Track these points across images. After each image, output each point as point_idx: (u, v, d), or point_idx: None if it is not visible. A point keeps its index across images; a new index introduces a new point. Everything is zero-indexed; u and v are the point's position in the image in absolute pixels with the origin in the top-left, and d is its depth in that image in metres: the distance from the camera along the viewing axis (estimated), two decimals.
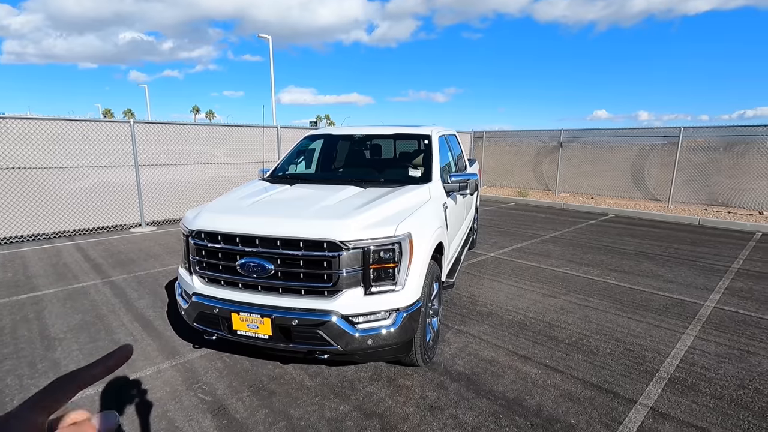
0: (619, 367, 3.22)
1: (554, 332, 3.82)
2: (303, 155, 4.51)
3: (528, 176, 14.35)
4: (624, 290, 4.94)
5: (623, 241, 7.50)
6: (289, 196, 3.25)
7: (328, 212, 2.74)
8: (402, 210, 2.93)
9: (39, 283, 5.13)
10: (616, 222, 9.43)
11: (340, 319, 2.53)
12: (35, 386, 2.95)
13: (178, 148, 9.28)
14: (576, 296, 4.72)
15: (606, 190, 12.51)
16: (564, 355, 3.41)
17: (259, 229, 2.61)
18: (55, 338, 3.69)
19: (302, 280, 2.60)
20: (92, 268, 5.72)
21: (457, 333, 3.79)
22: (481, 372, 3.15)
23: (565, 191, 13.22)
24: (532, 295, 4.75)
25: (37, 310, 4.30)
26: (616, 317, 4.16)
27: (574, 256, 6.38)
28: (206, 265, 2.81)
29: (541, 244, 7.14)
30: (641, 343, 3.61)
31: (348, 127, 4.74)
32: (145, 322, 4.00)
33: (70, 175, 7.73)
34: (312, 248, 2.54)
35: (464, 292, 4.80)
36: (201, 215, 2.87)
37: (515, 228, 8.55)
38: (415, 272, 2.74)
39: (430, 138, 4.10)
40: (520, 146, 14.65)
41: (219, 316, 2.71)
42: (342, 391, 2.90)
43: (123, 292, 4.80)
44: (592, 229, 8.52)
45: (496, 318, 4.12)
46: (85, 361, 3.29)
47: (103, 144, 8.07)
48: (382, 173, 4.03)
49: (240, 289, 2.73)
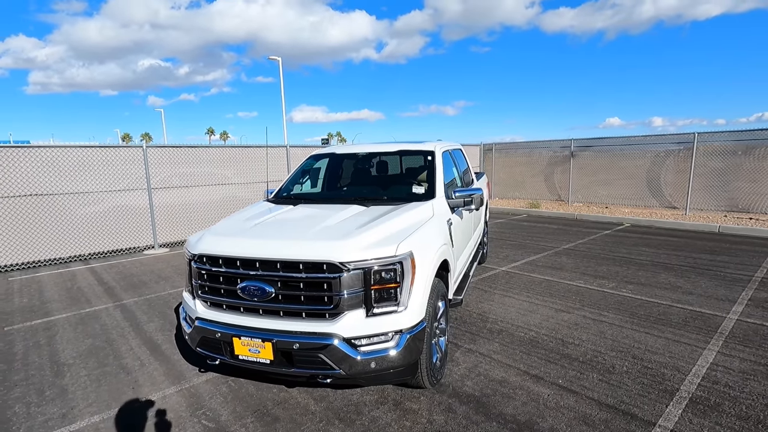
0: (637, 387, 3.08)
1: (567, 350, 3.69)
2: (307, 175, 4.53)
3: (540, 187, 14.18)
4: (641, 303, 4.77)
5: (639, 251, 7.29)
6: (291, 217, 3.25)
7: (329, 233, 2.72)
8: (403, 228, 2.89)
9: (53, 308, 5.20)
10: (632, 232, 9.20)
11: (342, 343, 2.49)
12: (41, 414, 2.95)
13: (189, 170, 9.45)
14: (590, 311, 4.57)
15: (621, 199, 12.27)
16: (578, 374, 3.28)
17: (259, 252, 2.60)
18: (64, 364, 3.71)
19: (303, 302, 2.56)
20: (105, 292, 5.79)
21: (467, 352, 3.69)
22: (491, 393, 3.04)
23: (579, 201, 13.01)
24: (544, 310, 4.62)
25: (49, 335, 4.35)
26: (633, 332, 4.01)
27: (588, 269, 6.22)
28: (208, 289, 2.80)
29: (554, 257, 6.99)
30: (660, 360, 3.46)
31: (352, 145, 4.75)
32: (153, 346, 4.00)
33: (85, 200, 7.92)
34: (312, 270, 2.51)
35: (474, 309, 4.70)
36: (203, 239, 2.87)
37: (527, 240, 8.40)
38: (418, 292, 2.69)
39: (434, 154, 4.07)
40: (530, 157, 14.53)
41: (221, 340, 2.69)
42: (347, 416, 2.83)
43: (133, 316, 4.84)
44: (606, 240, 8.32)
45: (507, 335, 4.01)
46: (93, 386, 3.30)
47: (118, 169, 8.26)
48: (386, 191, 4.01)
49: (242, 313, 2.71)
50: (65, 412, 2.98)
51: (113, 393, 3.21)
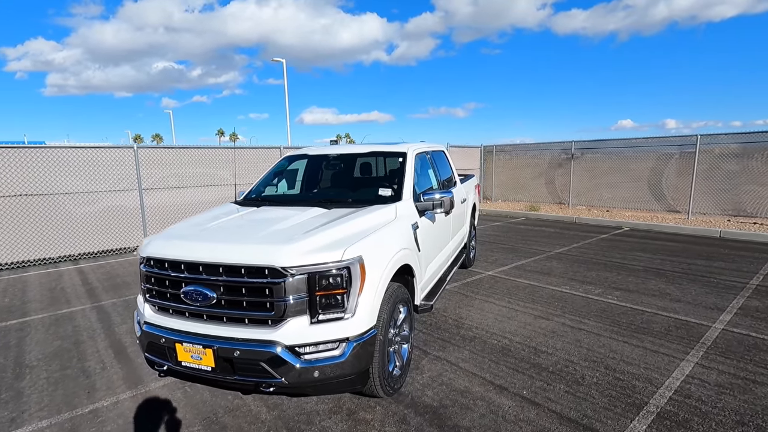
0: (604, 399, 2.94)
1: (539, 359, 3.56)
2: (279, 176, 4.46)
3: (540, 190, 13.97)
4: (625, 311, 4.61)
5: (634, 256, 7.10)
6: (246, 221, 3.17)
7: (275, 237, 2.64)
8: (357, 232, 2.79)
9: (31, 308, 5.20)
10: (630, 236, 8.98)
11: (284, 351, 2.40)
12: None
13: (184, 170, 9.46)
14: (570, 318, 4.43)
15: (623, 202, 12.02)
16: (544, 384, 3.15)
17: (203, 256, 2.52)
18: (27, 365, 3.68)
19: (245, 308, 2.48)
20: (86, 293, 5.78)
21: (434, 360, 3.58)
22: (450, 404, 2.93)
23: (580, 204, 12.78)
24: (523, 317, 4.49)
25: (20, 336, 4.33)
26: (611, 341, 3.86)
27: (577, 274, 6.05)
28: (155, 293, 2.74)
29: (544, 261, 6.83)
30: (633, 372, 3.31)
31: (326, 146, 4.67)
32: (119, 349, 3.96)
33: (77, 200, 7.96)
34: (254, 275, 2.43)
35: (451, 315, 4.58)
36: (152, 242, 2.81)
37: (520, 244, 8.24)
38: (367, 298, 2.59)
39: (405, 155, 3.97)
40: (531, 159, 14.32)
41: (165, 346, 2.62)
42: (296, 426, 2.74)
43: (108, 317, 4.81)
44: (602, 244, 8.12)
45: (479, 343, 3.89)
46: (49, 390, 3.26)
47: (110, 169, 8.30)
48: (353, 193, 3.92)
49: (186, 318, 2.64)
50: (15, 416, 2.93)
51: (67, 397, 3.16)
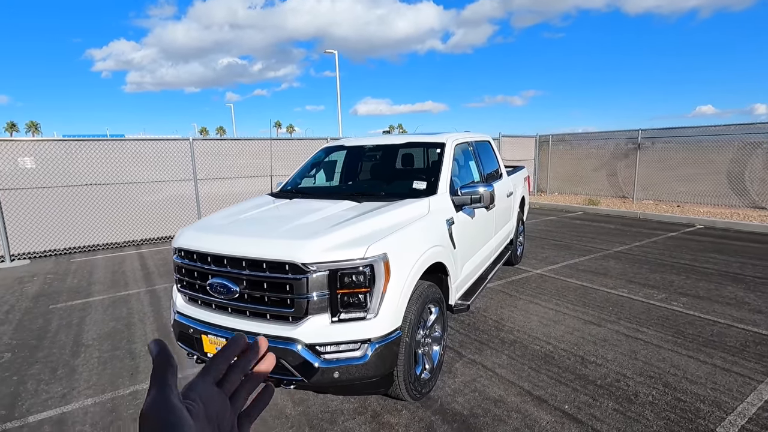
0: (659, 422, 2.60)
1: (585, 369, 3.24)
2: (317, 168, 4.41)
3: (601, 182, 12.99)
4: (692, 320, 4.10)
5: (707, 258, 6.35)
6: (275, 214, 3.14)
7: (298, 231, 2.56)
8: (384, 228, 2.65)
9: (95, 289, 5.62)
10: (703, 234, 8.07)
11: (304, 349, 2.33)
12: (46, 392, 3.14)
13: (237, 162, 9.82)
14: (626, 325, 4.01)
15: (698, 196, 10.84)
16: (590, 400, 2.85)
17: (227, 249, 2.51)
18: (83, 345, 3.95)
19: (267, 303, 2.44)
20: (143, 277, 6.16)
21: (468, 363, 3.38)
22: (481, 414, 2.73)
23: (647, 198, 11.72)
24: (571, 321, 4.14)
25: (82, 316, 4.68)
26: (673, 355, 3.43)
27: (637, 276, 5.51)
28: (186, 283, 2.78)
29: (601, 260, 6.30)
30: (698, 392, 2.91)
31: (364, 137, 4.55)
32: (165, 333, 4.14)
33: (141, 189, 8.54)
34: (275, 270, 2.37)
35: (491, 315, 4.33)
36: (183, 233, 2.85)
37: (574, 241, 7.69)
38: (392, 298, 2.45)
39: (443, 146, 3.75)
40: (591, 149, 13.34)
41: (193, 336, 2.65)
42: (319, 424, 2.68)
43: (158, 302, 5.07)
44: (669, 243, 7.36)
45: (520, 347, 3.62)
46: (98, 369, 3.46)
47: (171, 160, 8.79)
48: (387, 186, 3.77)
49: (213, 310, 2.65)
50: (66, 392, 3.14)
51: (113, 378, 3.34)
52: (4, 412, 2.91)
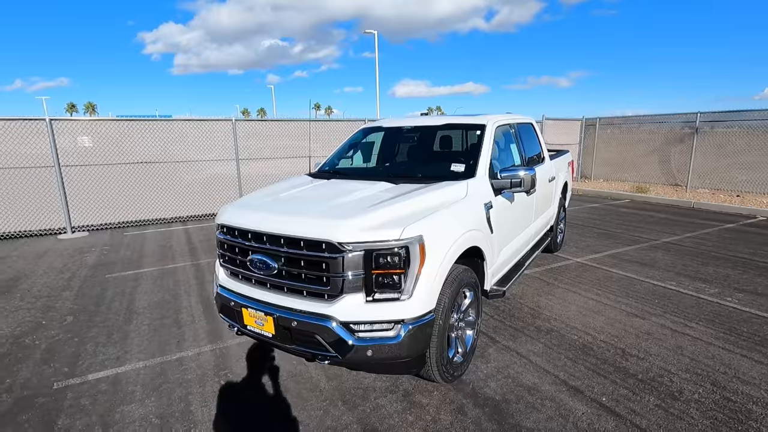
0: (705, 422, 2.48)
1: (627, 362, 3.12)
2: (355, 149, 4.41)
3: (651, 169, 12.24)
4: (747, 317, 3.84)
5: (767, 252, 5.90)
6: (313, 193, 3.18)
7: (335, 211, 2.59)
8: (421, 210, 2.63)
9: (145, 261, 5.97)
10: (766, 227, 7.48)
11: (339, 326, 2.38)
12: (103, 354, 3.40)
13: (277, 143, 10.02)
14: (673, 319, 3.82)
15: (761, 186, 10.00)
16: (630, 394, 2.75)
17: (266, 227, 2.58)
18: (135, 312, 4.23)
19: (303, 281, 2.50)
20: (189, 251, 6.48)
21: (502, 349, 3.34)
22: (514, 400, 2.70)
23: (703, 187, 10.95)
24: (612, 312, 3.98)
25: (134, 285, 5.00)
26: (723, 353, 3.24)
27: (688, 268, 5.20)
28: (228, 258, 2.89)
29: (648, 251, 5.99)
30: (750, 393, 2.74)
31: (403, 118, 4.49)
32: (207, 305, 4.35)
33: (188, 168, 8.92)
34: (312, 248, 2.42)
35: (528, 302, 4.24)
36: (226, 210, 2.95)
37: (619, 229, 7.34)
38: (427, 280, 2.44)
39: (484, 128, 3.64)
40: (641, 134, 12.56)
41: (234, 309, 2.77)
42: (352, 399, 2.76)
43: (202, 275, 5.32)
44: (725, 235, 6.88)
45: (556, 336, 3.54)
46: (149, 335, 3.71)
47: (215, 140, 9.09)
48: (425, 167, 3.72)
49: (253, 285, 2.75)
50: (120, 355, 3.39)
51: (161, 344, 3.56)
52: (66, 369, 3.18)
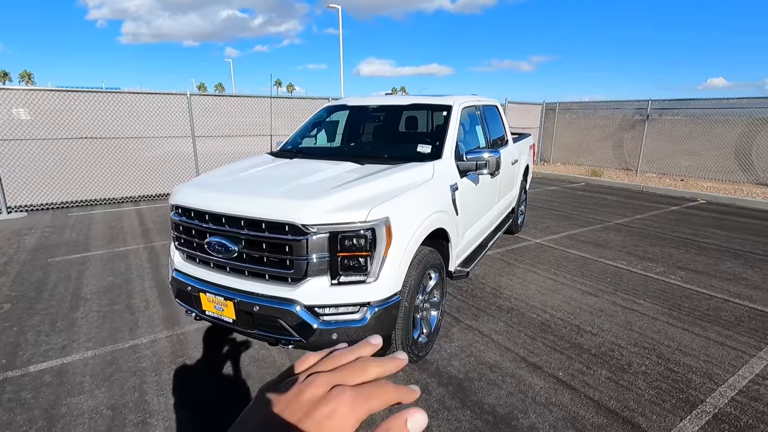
0: (651, 392, 2.64)
1: (581, 338, 3.27)
2: (318, 127, 4.27)
3: (605, 153, 12.80)
4: (689, 294, 4.12)
5: (707, 233, 6.33)
6: (275, 173, 3.05)
7: (299, 192, 2.49)
8: (387, 191, 2.58)
9: (93, 244, 5.60)
10: (706, 209, 8.03)
11: (303, 310, 2.32)
12: (46, 343, 3.17)
13: (236, 120, 9.57)
14: (623, 296, 4.03)
15: (702, 171, 10.72)
16: (584, 368, 2.89)
17: (226, 208, 2.45)
18: (82, 298, 3.96)
19: (266, 264, 2.41)
20: (141, 233, 6.13)
21: (465, 329, 3.41)
22: (476, 378, 2.77)
23: (651, 171, 11.58)
24: (568, 290, 4.15)
25: (80, 270, 4.68)
26: (668, 327, 3.46)
27: (637, 248, 5.50)
28: (183, 241, 2.74)
29: (601, 232, 6.28)
30: (691, 364, 2.95)
31: (367, 97, 4.39)
32: (163, 289, 4.15)
33: (139, 144, 8.37)
34: (274, 230, 2.32)
35: (490, 282, 4.34)
36: (180, 190, 2.78)
37: (576, 211, 7.64)
38: (393, 262, 2.42)
39: (450, 109, 3.62)
40: (598, 120, 13.06)
41: (191, 294, 2.64)
42: None
43: (157, 258, 5.06)
44: (671, 217, 7.33)
45: (517, 315, 3.65)
46: (98, 323, 3.49)
47: (169, 116, 8.56)
48: (391, 148, 3.66)
49: (211, 269, 2.63)
50: (66, 344, 3.17)
51: (112, 331, 3.36)
52: (5, 361, 2.94)
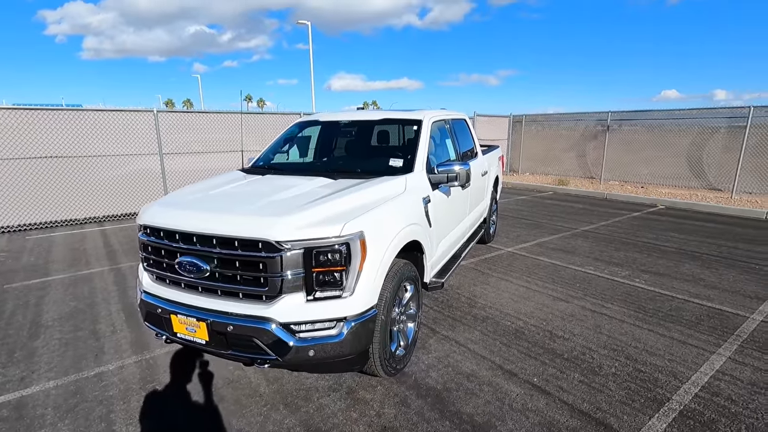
0: (621, 393, 2.73)
1: (554, 344, 3.36)
2: (290, 143, 4.27)
3: (571, 163, 13.30)
4: (653, 296, 4.30)
5: (667, 237, 6.65)
6: (247, 190, 3.03)
7: (271, 208, 2.48)
8: (360, 205, 2.60)
9: (54, 268, 5.34)
10: (665, 214, 8.44)
11: (278, 328, 2.29)
12: (2, 375, 2.99)
13: (206, 136, 9.41)
14: (592, 301, 4.17)
15: (661, 178, 11.28)
16: (557, 372, 2.96)
17: (196, 226, 2.41)
18: (42, 326, 3.76)
19: (239, 282, 2.37)
20: (106, 255, 5.90)
21: (442, 339, 3.43)
22: (454, 388, 2.79)
23: (613, 179, 12.10)
24: (540, 297, 4.26)
25: (40, 295, 4.45)
26: (634, 329, 3.60)
27: (603, 254, 5.71)
28: (152, 261, 2.66)
29: (569, 239, 6.49)
30: (656, 363, 3.07)
31: (338, 113, 4.43)
32: (131, 313, 4.00)
33: (103, 163, 8.09)
34: (247, 248, 2.30)
35: (464, 292, 4.40)
36: (148, 209, 2.71)
37: (545, 220, 7.88)
38: (368, 276, 2.43)
39: (420, 123, 3.70)
40: (562, 131, 13.59)
41: (162, 316, 2.56)
42: (294, 402, 2.68)
43: (123, 280, 4.88)
44: (633, 223, 7.67)
45: (492, 323, 3.71)
46: (60, 351, 3.32)
47: (135, 133, 8.33)
48: (363, 163, 3.70)
49: (182, 289, 2.56)
50: (25, 375, 3.00)
51: (76, 359, 3.21)
52: None
